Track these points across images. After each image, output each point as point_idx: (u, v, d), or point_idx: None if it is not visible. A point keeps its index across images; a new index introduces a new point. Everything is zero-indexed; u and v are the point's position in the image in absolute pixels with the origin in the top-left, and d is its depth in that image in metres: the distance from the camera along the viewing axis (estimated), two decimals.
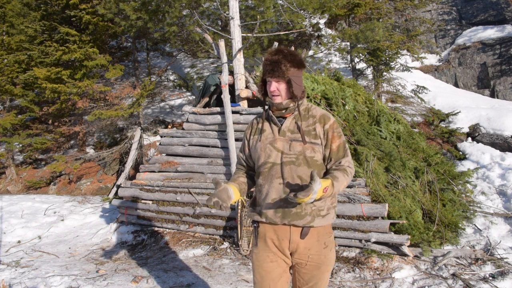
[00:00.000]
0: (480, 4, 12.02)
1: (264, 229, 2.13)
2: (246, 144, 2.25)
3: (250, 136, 2.22)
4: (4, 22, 10.26)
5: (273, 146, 2.07)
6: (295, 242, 2.07)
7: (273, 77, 2.01)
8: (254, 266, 2.18)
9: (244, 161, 2.29)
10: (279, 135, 2.09)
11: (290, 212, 2.03)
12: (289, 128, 2.09)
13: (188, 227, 5.45)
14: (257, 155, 2.12)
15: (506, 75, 10.34)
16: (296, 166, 2.02)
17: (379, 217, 4.24)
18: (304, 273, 2.13)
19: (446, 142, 7.62)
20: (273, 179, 2.05)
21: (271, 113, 2.11)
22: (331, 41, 9.60)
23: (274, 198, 2.05)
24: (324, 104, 5.68)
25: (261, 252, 2.14)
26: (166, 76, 11.50)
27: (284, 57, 2.00)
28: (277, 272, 2.12)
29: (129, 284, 4.06)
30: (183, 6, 8.10)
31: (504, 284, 3.64)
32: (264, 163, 2.08)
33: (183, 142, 5.77)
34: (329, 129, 2.08)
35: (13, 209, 6.99)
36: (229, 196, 2.02)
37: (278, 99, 2.04)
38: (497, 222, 4.94)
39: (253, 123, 2.25)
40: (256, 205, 2.18)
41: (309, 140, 2.05)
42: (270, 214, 2.06)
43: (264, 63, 2.04)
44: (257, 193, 2.16)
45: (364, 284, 3.86)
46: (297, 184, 2.01)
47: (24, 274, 4.36)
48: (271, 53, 2.04)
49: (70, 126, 9.65)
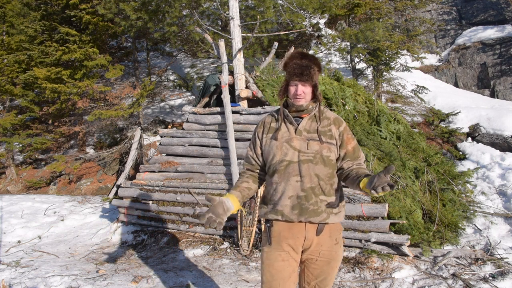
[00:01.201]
0: (480, 4, 12.02)
1: (278, 228, 2.14)
2: (258, 142, 2.25)
3: (262, 135, 2.23)
4: (4, 22, 10.26)
5: (289, 144, 2.11)
6: (310, 239, 2.12)
7: (301, 81, 2.06)
8: (264, 265, 2.18)
9: (254, 160, 2.28)
10: (295, 134, 2.13)
11: (308, 209, 2.07)
12: (305, 127, 2.14)
13: (188, 227, 5.45)
14: (272, 153, 2.14)
15: (506, 75, 10.34)
16: (314, 164, 2.08)
17: (379, 217, 4.24)
18: (314, 268, 2.18)
19: (446, 142, 7.62)
20: (290, 176, 2.08)
21: (288, 113, 2.15)
22: (331, 41, 9.60)
23: (291, 195, 2.08)
24: (324, 104, 5.69)
25: (272, 251, 2.15)
26: (166, 76, 11.50)
27: (313, 62, 2.08)
28: (288, 271, 2.14)
29: (129, 284, 4.06)
30: (183, 6, 8.10)
31: (504, 284, 3.64)
32: (280, 161, 2.11)
33: (183, 142, 5.77)
34: (344, 131, 2.18)
35: (13, 209, 6.99)
36: (226, 209, 2.01)
37: (302, 101, 2.09)
38: (497, 222, 4.94)
39: (265, 122, 2.26)
40: (268, 203, 2.19)
41: (325, 140, 2.12)
42: (286, 212, 2.09)
43: (292, 67, 2.07)
44: (270, 191, 2.17)
45: (364, 284, 3.86)
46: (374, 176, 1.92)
47: (24, 274, 4.36)
48: (297, 57, 2.08)
49: (70, 126, 9.65)
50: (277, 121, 2.21)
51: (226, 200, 2.05)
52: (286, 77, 2.13)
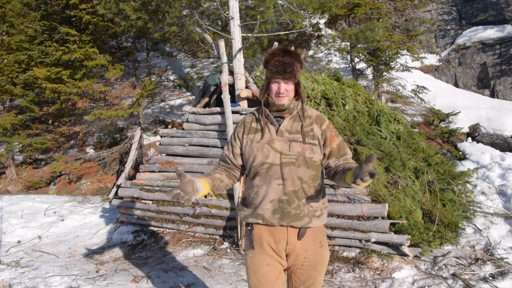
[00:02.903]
0: (480, 4, 12.02)
1: (259, 231, 2.09)
2: (237, 143, 2.16)
3: (243, 136, 2.14)
4: (4, 22, 10.25)
5: (271, 146, 2.03)
6: (292, 243, 2.06)
7: (283, 79, 1.98)
8: (249, 270, 2.13)
9: (230, 159, 2.19)
10: (276, 135, 2.05)
11: (289, 213, 2.01)
12: (286, 128, 2.06)
13: (188, 227, 5.45)
14: (253, 155, 2.06)
15: (506, 75, 10.34)
16: (296, 167, 2.01)
17: (379, 217, 4.24)
18: (301, 273, 2.12)
19: (446, 142, 7.62)
20: (271, 180, 2.02)
21: (268, 113, 2.07)
22: (331, 41, 9.60)
23: (272, 199, 2.02)
24: (324, 104, 5.69)
25: (257, 256, 2.10)
26: (166, 76, 11.50)
27: (295, 59, 1.99)
28: (274, 274, 2.10)
29: (129, 284, 4.06)
30: (183, 6, 8.10)
31: (504, 284, 3.64)
32: (261, 164, 2.03)
33: (183, 142, 5.77)
34: (327, 129, 2.09)
35: (13, 209, 6.99)
36: (196, 189, 1.89)
37: (284, 100, 2.01)
38: (497, 222, 4.94)
39: (245, 122, 2.17)
40: (248, 207, 2.12)
41: (308, 140, 2.04)
42: (267, 216, 2.03)
43: (274, 64, 1.97)
44: (250, 194, 2.10)
45: (364, 284, 3.86)
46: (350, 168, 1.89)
47: (24, 274, 4.36)
48: (279, 54, 1.99)
49: (70, 126, 9.65)
50: (257, 121, 2.13)
51: (196, 180, 1.93)
52: (267, 74, 2.02)
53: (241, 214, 2.17)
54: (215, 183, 2.10)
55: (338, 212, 4.41)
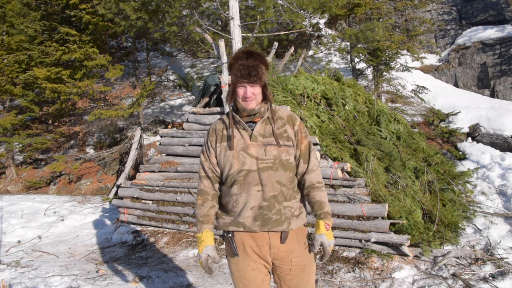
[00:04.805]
0: (480, 4, 12.02)
1: (241, 238, 2.05)
2: (212, 152, 2.09)
3: (216, 144, 2.07)
4: (4, 22, 10.25)
5: (246, 152, 1.99)
6: (276, 247, 2.03)
7: (249, 82, 1.92)
8: (235, 277, 2.11)
9: (212, 170, 2.11)
10: (250, 140, 2.00)
11: (270, 219, 1.98)
12: (260, 132, 2.01)
13: (188, 227, 5.45)
14: (229, 163, 2.00)
15: (506, 75, 10.34)
16: (274, 171, 1.98)
17: (379, 217, 4.24)
18: (290, 279, 2.08)
19: (446, 142, 7.62)
20: (250, 186, 1.98)
21: (239, 118, 2.01)
22: (331, 41, 9.60)
23: (252, 206, 1.99)
24: (324, 104, 5.69)
25: (241, 262, 2.07)
26: (166, 76, 11.50)
27: (260, 61, 1.94)
28: (260, 278, 2.08)
29: (129, 284, 4.06)
30: (183, 6, 8.10)
31: (504, 284, 3.63)
32: (238, 171, 1.98)
33: (183, 142, 5.77)
34: (298, 130, 2.07)
35: (13, 209, 6.99)
36: (215, 257, 2.09)
37: (252, 104, 1.96)
38: (497, 222, 4.94)
39: (217, 130, 2.09)
40: (228, 214, 2.08)
41: (283, 143, 2.01)
42: (248, 223, 2.00)
43: (238, 68, 1.92)
44: (229, 202, 2.05)
45: (364, 284, 3.86)
46: None
47: (24, 274, 4.36)
48: (242, 57, 1.94)
49: (70, 126, 9.65)
50: (228, 128, 2.05)
51: (211, 247, 2.08)
52: (232, 79, 1.98)
53: (220, 222, 2.12)
54: (214, 223, 2.16)
55: (338, 212, 4.41)
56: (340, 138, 5.32)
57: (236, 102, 1.99)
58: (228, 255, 2.12)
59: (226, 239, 2.11)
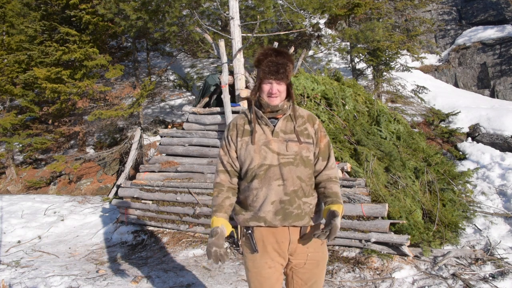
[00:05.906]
0: (480, 4, 12.02)
1: (261, 234, 2.08)
2: (232, 147, 2.11)
3: (236, 138, 2.10)
4: (4, 22, 10.25)
5: (268, 147, 2.02)
6: (295, 242, 2.07)
7: (276, 79, 1.98)
8: (251, 274, 2.12)
9: (231, 165, 2.13)
10: (272, 136, 2.04)
11: (292, 213, 2.01)
12: (281, 129, 2.06)
13: (188, 227, 5.45)
14: (250, 157, 2.03)
15: (506, 75, 10.34)
16: (295, 166, 2.02)
17: (379, 217, 4.24)
18: (303, 273, 2.12)
19: (446, 142, 7.62)
20: (271, 181, 2.00)
21: (262, 114, 2.06)
22: (331, 41, 9.60)
23: (273, 200, 2.01)
24: (324, 104, 5.69)
25: (259, 259, 2.09)
26: (166, 76, 11.50)
27: (288, 59, 1.99)
28: (275, 277, 2.11)
29: (129, 284, 4.06)
30: (183, 6, 8.10)
31: (504, 284, 3.64)
32: (259, 165, 2.01)
33: (183, 142, 5.77)
34: (318, 129, 2.13)
35: (13, 209, 6.99)
36: (223, 236, 2.05)
37: (277, 100, 2.01)
38: (497, 222, 4.94)
39: (238, 125, 2.12)
40: (248, 210, 2.09)
41: (303, 140, 2.06)
42: (269, 218, 2.02)
43: (267, 64, 1.97)
44: (249, 197, 2.07)
45: (364, 284, 3.86)
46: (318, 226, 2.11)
47: (24, 274, 4.36)
48: (272, 54, 1.98)
49: (70, 126, 9.65)
50: (250, 123, 2.09)
51: (222, 228, 2.04)
52: (259, 74, 2.02)
53: (240, 218, 2.14)
54: (229, 213, 2.13)
55: None
56: (340, 138, 5.32)
57: (260, 97, 2.05)
58: (246, 252, 2.15)
59: (245, 236, 2.13)
